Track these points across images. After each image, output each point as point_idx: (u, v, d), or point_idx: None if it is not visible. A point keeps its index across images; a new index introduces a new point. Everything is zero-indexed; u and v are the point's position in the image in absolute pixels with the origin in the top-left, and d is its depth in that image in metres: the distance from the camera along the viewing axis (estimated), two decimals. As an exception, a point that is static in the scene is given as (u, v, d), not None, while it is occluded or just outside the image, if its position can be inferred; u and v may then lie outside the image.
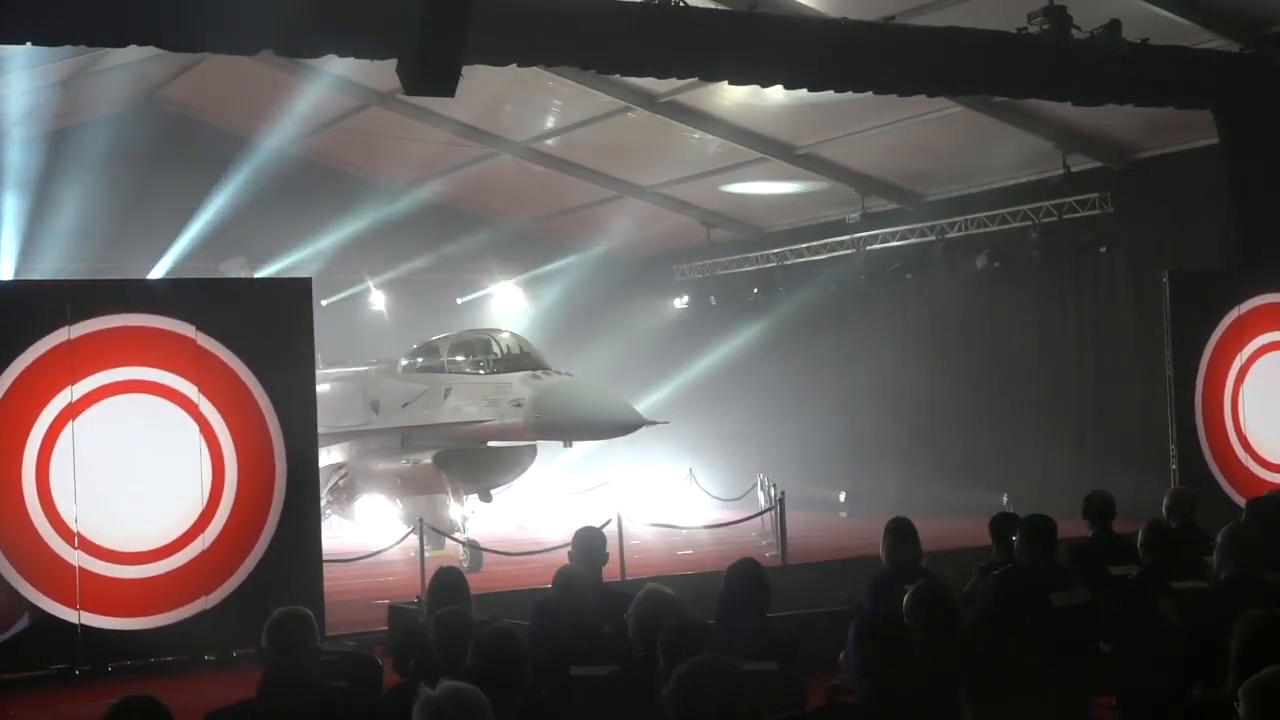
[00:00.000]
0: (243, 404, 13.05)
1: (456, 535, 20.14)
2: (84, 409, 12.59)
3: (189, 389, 12.85)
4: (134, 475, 12.75)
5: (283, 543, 13.05)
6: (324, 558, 18.87)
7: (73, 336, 12.56)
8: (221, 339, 12.96)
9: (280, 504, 13.09)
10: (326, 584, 17.86)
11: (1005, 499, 20.85)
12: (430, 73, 13.00)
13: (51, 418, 12.48)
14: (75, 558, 12.46)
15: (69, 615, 12.45)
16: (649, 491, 24.59)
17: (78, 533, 12.47)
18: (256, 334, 13.28)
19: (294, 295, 13.85)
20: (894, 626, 5.71)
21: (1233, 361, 16.68)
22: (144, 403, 12.81)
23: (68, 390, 12.52)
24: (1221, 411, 16.67)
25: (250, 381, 13.05)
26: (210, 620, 12.77)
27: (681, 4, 14.42)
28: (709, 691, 4.47)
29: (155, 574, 12.72)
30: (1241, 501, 13.02)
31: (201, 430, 12.88)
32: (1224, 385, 16.67)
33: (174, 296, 13.30)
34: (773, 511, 19.90)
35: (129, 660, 12.75)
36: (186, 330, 12.89)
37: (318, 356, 25.46)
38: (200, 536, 12.83)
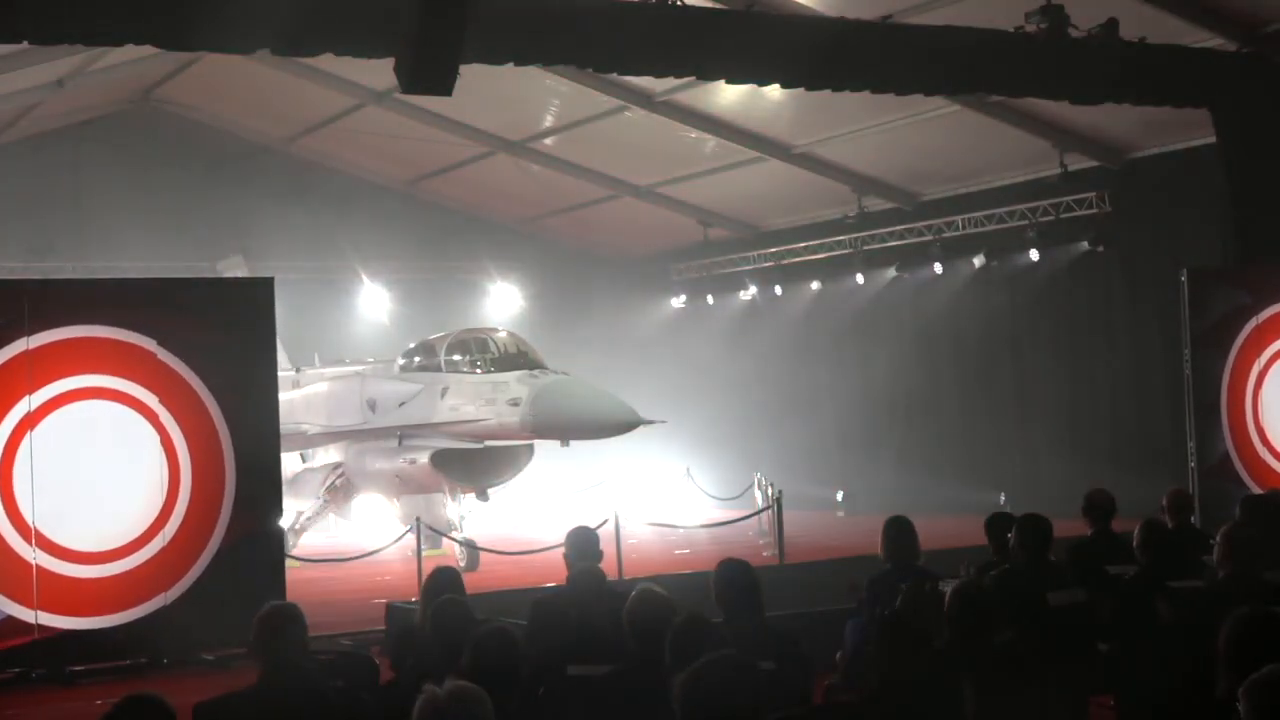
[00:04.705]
0: (192, 405, 13.09)
1: (453, 534, 20.15)
2: (47, 413, 12.62)
3: (149, 397, 12.91)
4: (94, 478, 12.80)
5: (237, 540, 13.05)
6: (321, 557, 19.10)
7: (31, 347, 12.59)
8: (180, 352, 13.01)
9: (230, 503, 13.11)
10: (323, 584, 18.03)
11: (1002, 498, 20.89)
12: (427, 72, 12.98)
13: (15, 421, 12.53)
14: (33, 556, 12.46)
15: (26, 615, 12.45)
16: (646, 491, 24.59)
17: (35, 529, 12.47)
18: (215, 338, 13.31)
19: (257, 295, 13.93)
20: (908, 628, 5.74)
21: (1253, 364, 16.53)
22: (104, 408, 12.86)
23: (26, 400, 12.55)
24: (1243, 409, 16.52)
25: (197, 384, 13.07)
26: (169, 617, 12.76)
27: (678, 3, 14.40)
28: (721, 688, 4.47)
29: (115, 573, 12.74)
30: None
31: (158, 433, 12.93)
32: (1246, 384, 16.54)
33: (136, 306, 13.21)
34: (770, 510, 19.90)
35: (88, 659, 12.72)
36: (148, 344, 12.94)
37: (314, 356, 25.83)
38: (160, 534, 12.85)
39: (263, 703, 5.77)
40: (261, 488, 13.42)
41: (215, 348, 13.27)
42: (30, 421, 12.57)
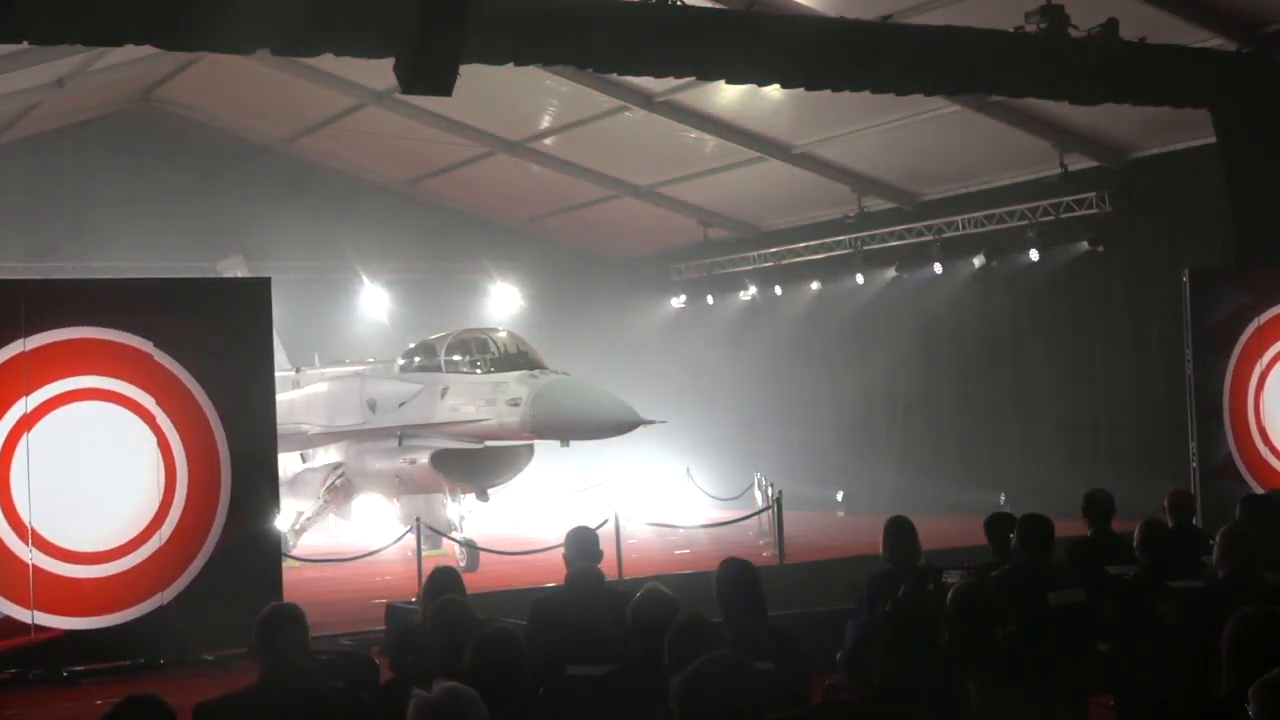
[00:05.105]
0: (189, 406, 13.10)
1: (453, 534, 20.14)
2: (44, 415, 12.63)
3: (146, 398, 12.93)
4: (91, 479, 12.81)
5: (233, 541, 13.06)
6: (320, 557, 19.09)
7: (28, 348, 12.60)
8: (176, 353, 13.02)
9: (226, 504, 13.12)
10: (323, 584, 18.04)
11: (1002, 498, 20.88)
12: (427, 71, 12.98)
13: (12, 423, 12.53)
14: (29, 556, 12.47)
15: (23, 615, 12.46)
16: (646, 491, 24.58)
17: (32, 529, 12.48)
18: (212, 339, 13.32)
19: (253, 295, 13.93)
20: (911, 625, 5.73)
21: (1255, 365, 16.48)
22: (100, 409, 12.88)
23: (22, 401, 12.56)
24: (1245, 410, 16.46)
25: (193, 385, 13.08)
26: (166, 617, 12.76)
27: (678, 3, 14.39)
28: (718, 688, 4.47)
29: (111, 573, 12.74)
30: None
31: (155, 434, 12.94)
32: (1248, 385, 16.50)
33: (132, 307, 13.18)
34: (770, 511, 19.90)
35: (85, 659, 12.71)
36: (144, 346, 12.95)
37: (314, 356, 25.82)
38: (156, 535, 12.86)
39: (263, 703, 5.76)
40: (258, 489, 13.41)
41: (212, 349, 13.26)
42: (27, 423, 12.57)
